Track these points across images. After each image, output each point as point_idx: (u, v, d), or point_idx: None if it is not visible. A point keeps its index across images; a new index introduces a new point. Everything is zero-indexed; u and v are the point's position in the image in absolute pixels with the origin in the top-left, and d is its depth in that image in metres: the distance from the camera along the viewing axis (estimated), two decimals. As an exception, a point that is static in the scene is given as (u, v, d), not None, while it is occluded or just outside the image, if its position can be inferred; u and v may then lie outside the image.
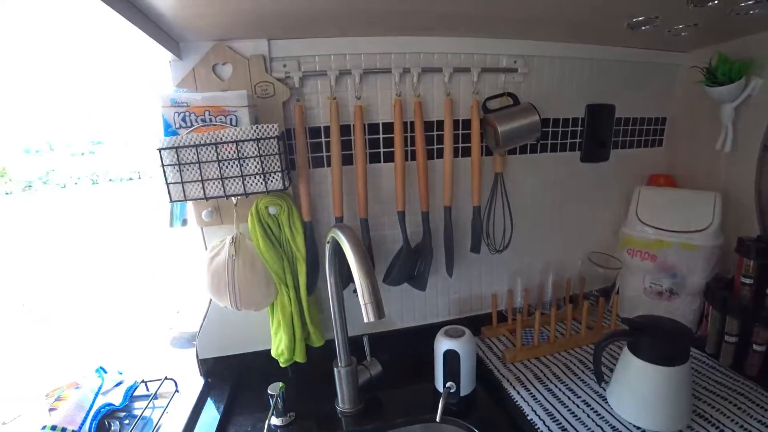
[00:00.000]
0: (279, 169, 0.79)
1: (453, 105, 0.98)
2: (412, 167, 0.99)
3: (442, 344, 0.88)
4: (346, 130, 0.95)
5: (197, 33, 0.81)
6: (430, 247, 1.01)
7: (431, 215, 1.00)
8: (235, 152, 0.77)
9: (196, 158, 0.76)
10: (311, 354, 0.97)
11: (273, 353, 0.95)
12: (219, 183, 0.78)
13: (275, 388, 0.85)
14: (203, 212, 0.89)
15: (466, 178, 1.04)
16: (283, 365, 0.95)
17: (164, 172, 0.76)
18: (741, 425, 0.77)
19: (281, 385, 0.86)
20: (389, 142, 0.98)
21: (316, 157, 0.96)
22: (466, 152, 1.04)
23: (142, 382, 0.99)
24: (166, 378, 0.98)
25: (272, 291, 0.92)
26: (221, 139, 0.76)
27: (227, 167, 0.78)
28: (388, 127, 0.98)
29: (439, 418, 0.81)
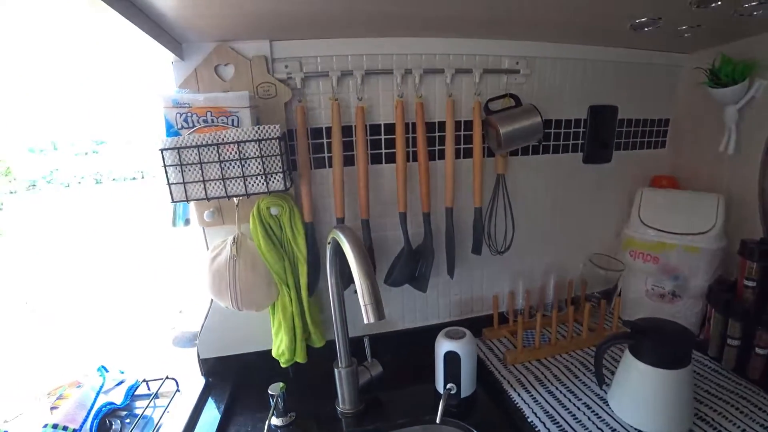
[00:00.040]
0: (280, 170, 0.80)
1: (455, 106, 0.98)
2: (414, 168, 0.99)
3: (443, 346, 0.88)
4: (348, 131, 0.95)
5: (199, 34, 0.81)
6: (432, 248, 1.01)
7: (432, 216, 1.00)
8: (236, 153, 0.77)
9: (198, 159, 0.77)
10: (312, 354, 0.98)
11: (274, 353, 0.96)
12: (221, 183, 0.79)
13: (276, 389, 0.85)
14: (205, 212, 0.90)
15: (468, 179, 1.03)
16: (283, 365, 0.95)
17: (166, 173, 0.77)
18: (743, 429, 0.76)
19: (282, 385, 0.86)
20: (391, 143, 0.98)
21: (317, 158, 0.97)
22: (468, 153, 1.04)
23: (144, 381, 0.99)
24: (167, 377, 0.98)
25: (273, 291, 0.92)
26: (223, 139, 0.76)
27: (229, 168, 0.78)
28: (390, 128, 0.98)
29: (439, 419, 0.81)
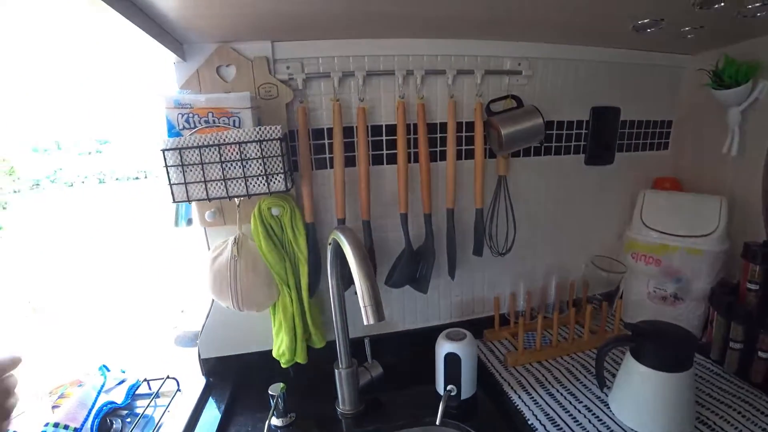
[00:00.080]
0: (282, 171, 0.80)
1: (456, 107, 0.98)
2: (415, 169, 0.98)
3: (443, 347, 0.88)
4: (349, 131, 0.95)
5: (201, 35, 0.81)
6: (433, 250, 1.01)
7: (434, 217, 1.00)
8: (238, 154, 0.78)
9: (199, 159, 0.77)
10: (312, 355, 0.98)
11: (274, 354, 0.96)
12: (222, 184, 0.79)
13: (276, 389, 0.85)
14: (206, 213, 0.90)
15: (469, 180, 1.03)
16: (284, 366, 0.95)
17: (167, 173, 0.77)
18: (745, 433, 0.76)
19: (282, 385, 0.86)
20: (392, 144, 0.98)
21: (318, 158, 0.97)
22: (470, 155, 1.04)
23: (145, 380, 0.99)
24: (168, 377, 0.98)
25: (274, 292, 0.92)
26: (224, 140, 0.76)
27: (230, 168, 0.78)
28: (391, 129, 0.98)
29: (439, 421, 0.81)
